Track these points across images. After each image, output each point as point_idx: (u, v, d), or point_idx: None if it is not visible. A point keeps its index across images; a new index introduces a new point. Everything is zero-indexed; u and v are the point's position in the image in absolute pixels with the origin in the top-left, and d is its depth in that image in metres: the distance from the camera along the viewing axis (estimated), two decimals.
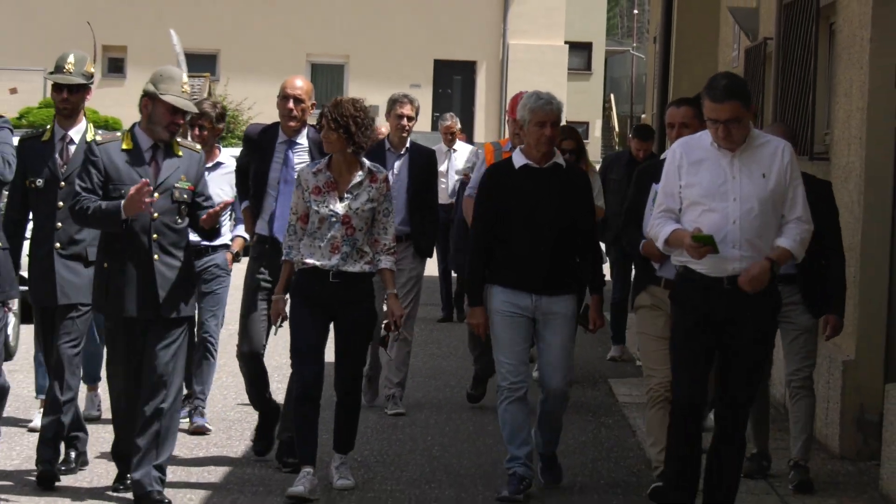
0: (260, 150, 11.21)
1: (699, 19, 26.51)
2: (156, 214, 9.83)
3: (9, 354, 14.73)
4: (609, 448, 12.90)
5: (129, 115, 23.40)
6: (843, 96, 14.13)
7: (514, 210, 10.46)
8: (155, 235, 9.88)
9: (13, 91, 57.76)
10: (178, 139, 10.34)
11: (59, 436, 10.75)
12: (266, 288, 11.44)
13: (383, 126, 14.69)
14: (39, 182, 10.47)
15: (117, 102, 50.00)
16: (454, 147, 22.40)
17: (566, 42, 63.12)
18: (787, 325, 10.90)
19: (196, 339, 12.21)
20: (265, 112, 44.57)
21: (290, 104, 11.35)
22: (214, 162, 12.03)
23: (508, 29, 63.83)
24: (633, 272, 12.10)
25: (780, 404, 13.60)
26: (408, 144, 14.33)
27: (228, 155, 13.34)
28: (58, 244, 10.53)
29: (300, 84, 11.51)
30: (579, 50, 68.26)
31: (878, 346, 12.40)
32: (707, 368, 8.91)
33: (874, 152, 12.69)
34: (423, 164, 14.29)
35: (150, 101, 9.99)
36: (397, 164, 14.08)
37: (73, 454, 11.13)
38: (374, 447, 12.55)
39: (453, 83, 63.20)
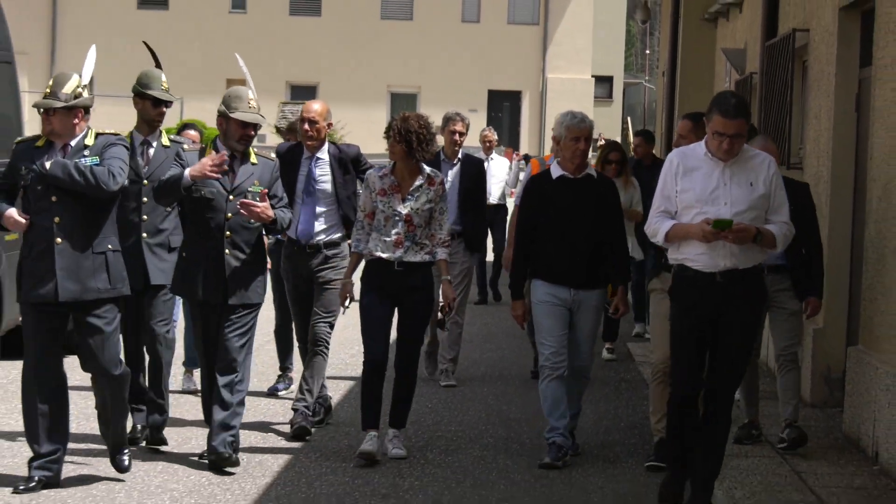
0: (288, 164, 10.99)
1: (698, 57, 26.37)
2: (229, 215, 9.74)
3: None
4: (625, 417, 12.73)
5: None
6: (813, 119, 14.08)
7: (553, 215, 10.31)
8: (228, 233, 9.78)
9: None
10: (256, 149, 10.16)
11: (150, 401, 10.55)
12: (295, 282, 11.39)
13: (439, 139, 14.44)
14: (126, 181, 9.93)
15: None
16: (491, 156, 21.48)
17: (592, 76, 62.94)
18: (778, 309, 10.73)
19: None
20: (354, 132, 44.58)
21: (306, 125, 11.20)
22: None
23: (547, 66, 63.72)
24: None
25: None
26: (460, 155, 13.99)
27: None
28: (145, 234, 10.34)
29: (315, 108, 11.34)
30: (603, 82, 67.98)
31: (842, 318, 12.37)
32: (703, 363, 8.67)
33: (838, 164, 12.76)
34: (473, 173, 14.01)
35: (223, 119, 9.90)
36: (451, 171, 13.75)
37: (138, 426, 10.70)
38: (430, 417, 12.35)
39: (503, 108, 62.96)
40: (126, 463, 9.51)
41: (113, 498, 9.28)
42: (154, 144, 10.54)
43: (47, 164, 9.05)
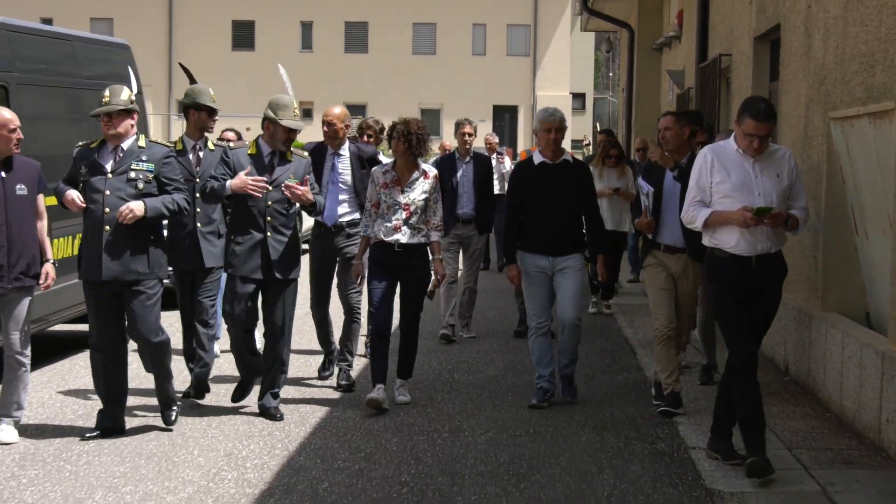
0: (315, 160, 10.43)
1: (648, 77, 26.29)
2: (269, 203, 9.36)
3: None
4: (617, 372, 12.60)
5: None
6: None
7: (534, 195, 9.94)
8: (269, 218, 9.43)
9: (248, 129, 57.69)
10: (294, 149, 9.81)
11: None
12: (326, 259, 10.88)
13: (447, 141, 14.15)
14: None
15: (306, 135, 49.83)
16: (493, 156, 19.33)
17: (570, 93, 62.57)
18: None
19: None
20: None
21: (325, 127, 10.74)
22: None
23: (536, 86, 63.39)
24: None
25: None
26: (471, 154, 13.62)
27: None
28: (199, 224, 9.95)
29: (335, 112, 10.83)
30: (577, 97, 67.53)
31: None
32: (752, 335, 7.99)
33: None
34: (483, 168, 13.52)
35: (270, 124, 9.51)
36: (464, 167, 13.37)
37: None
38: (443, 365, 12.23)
39: (504, 119, 62.63)
40: (172, 418, 9.19)
41: (166, 442, 9.20)
42: (203, 148, 10.20)
43: (139, 210, 8.54)
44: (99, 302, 8.90)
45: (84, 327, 10.71)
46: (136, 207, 8.53)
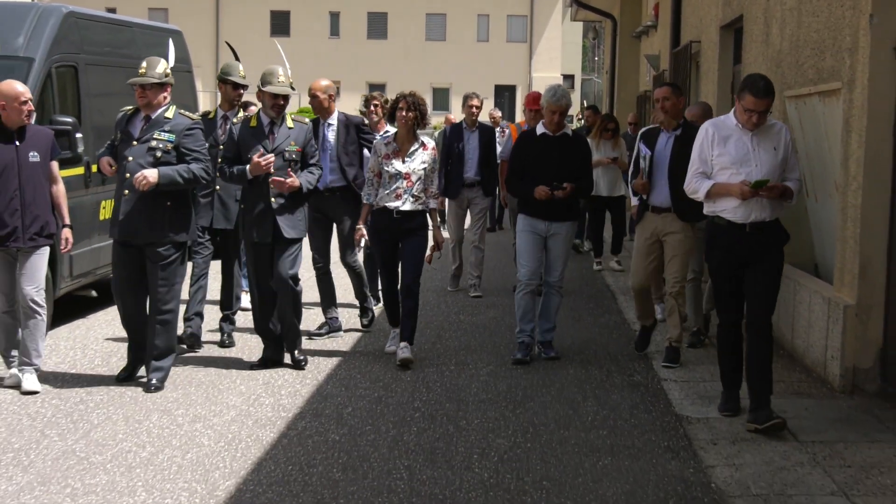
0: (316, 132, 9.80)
1: (629, 61, 26.19)
2: (272, 169, 8.59)
3: None
4: (600, 315, 12.58)
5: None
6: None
7: (535, 162, 9.35)
8: (271, 185, 8.68)
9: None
10: (294, 115, 9.10)
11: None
12: (318, 218, 10.18)
13: (452, 115, 13.67)
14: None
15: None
16: (497, 128, 18.66)
17: (561, 74, 62.37)
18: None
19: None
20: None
21: (311, 100, 10.12)
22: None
23: (532, 68, 63.40)
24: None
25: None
26: (477, 124, 13.10)
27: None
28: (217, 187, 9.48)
29: (319, 84, 10.16)
30: (567, 78, 67.08)
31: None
32: (741, 295, 7.47)
33: None
34: (487, 137, 13.06)
35: (260, 93, 8.81)
36: (472, 137, 12.91)
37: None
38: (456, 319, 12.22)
39: (504, 97, 62.46)
40: (154, 382, 8.28)
41: (213, 372, 9.17)
42: (232, 119, 9.60)
43: (153, 177, 8.00)
44: (117, 258, 8.46)
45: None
46: (150, 175, 8.01)
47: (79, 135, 10.20)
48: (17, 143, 8.07)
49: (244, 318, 10.49)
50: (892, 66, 7.94)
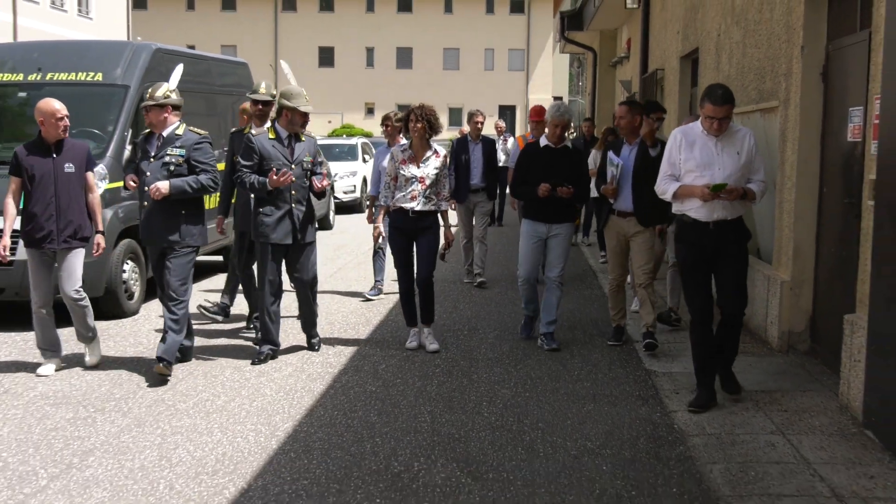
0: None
1: (607, 85, 26.11)
2: (293, 178, 7.81)
3: None
4: (584, 289, 12.55)
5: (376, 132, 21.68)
6: (666, 115, 13.84)
7: (539, 172, 8.60)
8: (293, 192, 7.91)
9: (329, 122, 57.71)
10: (304, 130, 8.18)
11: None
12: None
13: (465, 128, 13.06)
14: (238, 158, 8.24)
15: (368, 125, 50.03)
16: (501, 138, 19.14)
17: (552, 96, 62.16)
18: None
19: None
20: None
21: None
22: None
23: (529, 91, 63.25)
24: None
25: None
26: (481, 137, 12.36)
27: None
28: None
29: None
30: (556, 99, 66.43)
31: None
32: (709, 292, 6.72)
33: None
34: (490, 148, 12.32)
35: (288, 111, 7.88)
36: (476, 148, 12.17)
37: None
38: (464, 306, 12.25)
39: (506, 116, 62.36)
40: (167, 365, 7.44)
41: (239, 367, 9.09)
42: (251, 132, 8.58)
43: (164, 188, 7.45)
44: (151, 257, 7.82)
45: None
46: (162, 186, 7.46)
47: None
48: (55, 155, 7.50)
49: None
50: (819, 88, 7.90)
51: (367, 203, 9.10)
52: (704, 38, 11.85)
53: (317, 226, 8.53)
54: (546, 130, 8.93)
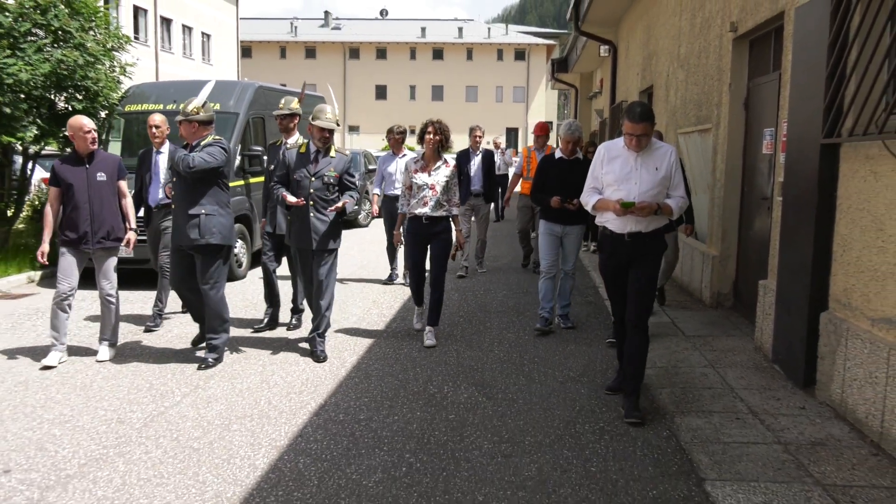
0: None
1: (585, 113, 25.90)
2: (312, 190, 6.48)
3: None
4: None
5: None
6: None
7: (553, 179, 7.42)
8: (311, 202, 6.45)
9: (383, 139, 57.44)
10: (337, 148, 6.88)
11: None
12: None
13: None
14: (272, 167, 7.14)
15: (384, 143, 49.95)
16: (498, 150, 17.64)
17: (544, 120, 61.71)
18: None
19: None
20: (454, 148, 44.14)
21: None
22: (401, 154, 8.60)
23: (528, 116, 62.81)
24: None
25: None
26: (480, 149, 10.97)
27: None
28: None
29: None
30: (563, 120, 66.79)
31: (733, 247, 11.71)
32: (624, 296, 5.43)
33: None
34: (488, 159, 10.90)
35: (311, 126, 6.57)
36: (476, 159, 10.86)
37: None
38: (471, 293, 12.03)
39: (511, 135, 62.04)
40: (203, 356, 6.37)
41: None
42: (287, 145, 7.51)
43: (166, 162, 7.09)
44: (174, 260, 6.40)
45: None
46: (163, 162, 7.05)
47: (264, 157, 10.19)
48: (87, 165, 6.32)
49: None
50: (742, 114, 7.78)
51: (371, 198, 7.75)
52: (657, 77, 11.70)
53: (340, 237, 6.69)
54: (561, 144, 7.66)
